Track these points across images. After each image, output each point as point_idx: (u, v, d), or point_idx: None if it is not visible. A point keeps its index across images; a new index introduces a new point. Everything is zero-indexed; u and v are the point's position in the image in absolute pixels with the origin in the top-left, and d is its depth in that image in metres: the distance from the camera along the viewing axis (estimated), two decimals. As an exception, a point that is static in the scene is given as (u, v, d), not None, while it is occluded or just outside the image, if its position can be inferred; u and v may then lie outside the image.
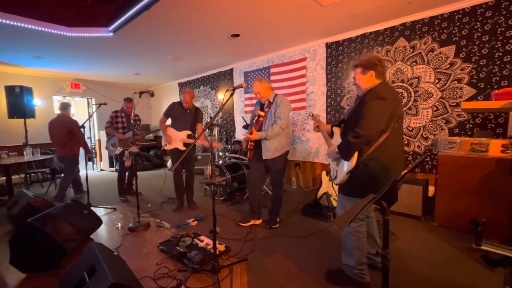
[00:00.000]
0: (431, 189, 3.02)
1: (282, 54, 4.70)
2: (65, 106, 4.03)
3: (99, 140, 6.96)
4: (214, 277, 1.81)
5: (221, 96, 6.01)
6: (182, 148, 3.36)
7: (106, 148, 4.22)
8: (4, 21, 3.06)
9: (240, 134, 5.72)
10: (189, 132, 3.40)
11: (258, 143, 2.74)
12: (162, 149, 3.58)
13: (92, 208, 3.05)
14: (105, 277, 1.29)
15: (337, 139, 1.86)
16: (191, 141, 3.34)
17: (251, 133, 2.66)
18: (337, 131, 1.90)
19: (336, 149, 1.70)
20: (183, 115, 3.44)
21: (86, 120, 3.61)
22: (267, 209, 2.95)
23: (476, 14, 2.87)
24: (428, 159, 3.25)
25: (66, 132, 3.85)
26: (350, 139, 1.57)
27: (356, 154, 1.61)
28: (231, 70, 5.71)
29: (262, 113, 2.72)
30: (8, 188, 3.80)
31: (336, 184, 1.81)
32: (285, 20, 3.36)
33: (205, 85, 6.46)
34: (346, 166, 1.65)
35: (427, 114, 3.26)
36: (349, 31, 3.83)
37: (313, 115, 2.26)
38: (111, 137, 4.09)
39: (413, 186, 2.92)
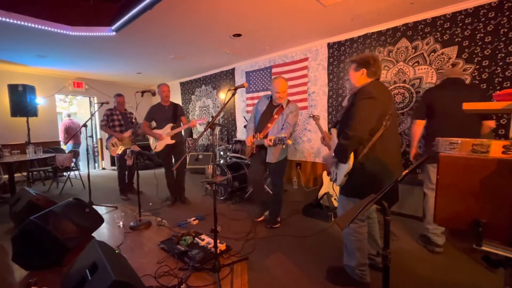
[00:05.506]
0: (432, 190, 3.02)
1: (284, 54, 4.70)
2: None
3: (101, 139, 6.99)
4: (215, 275, 1.82)
5: (223, 95, 6.02)
6: (171, 141, 3.44)
7: (107, 148, 4.22)
8: (8, 20, 3.08)
9: (241, 133, 5.72)
10: (172, 124, 3.48)
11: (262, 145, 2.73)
12: (153, 152, 3.62)
13: (93, 206, 3.07)
14: (107, 274, 1.30)
15: (334, 139, 1.87)
16: (176, 130, 3.45)
17: (266, 136, 2.57)
18: (334, 131, 1.92)
19: (333, 154, 1.71)
20: (164, 113, 3.53)
21: (88, 119, 3.62)
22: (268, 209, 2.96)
23: (479, 15, 2.86)
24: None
25: None
26: (341, 141, 1.59)
27: (352, 155, 1.63)
28: (233, 69, 5.71)
29: (276, 117, 2.65)
30: (10, 186, 3.82)
31: (337, 186, 1.82)
32: (287, 20, 3.36)
33: (206, 84, 6.47)
34: (344, 168, 1.67)
35: (429, 114, 3.25)
36: (351, 31, 3.82)
37: (313, 116, 2.26)
38: (111, 136, 4.09)
39: (414, 187, 2.92)
